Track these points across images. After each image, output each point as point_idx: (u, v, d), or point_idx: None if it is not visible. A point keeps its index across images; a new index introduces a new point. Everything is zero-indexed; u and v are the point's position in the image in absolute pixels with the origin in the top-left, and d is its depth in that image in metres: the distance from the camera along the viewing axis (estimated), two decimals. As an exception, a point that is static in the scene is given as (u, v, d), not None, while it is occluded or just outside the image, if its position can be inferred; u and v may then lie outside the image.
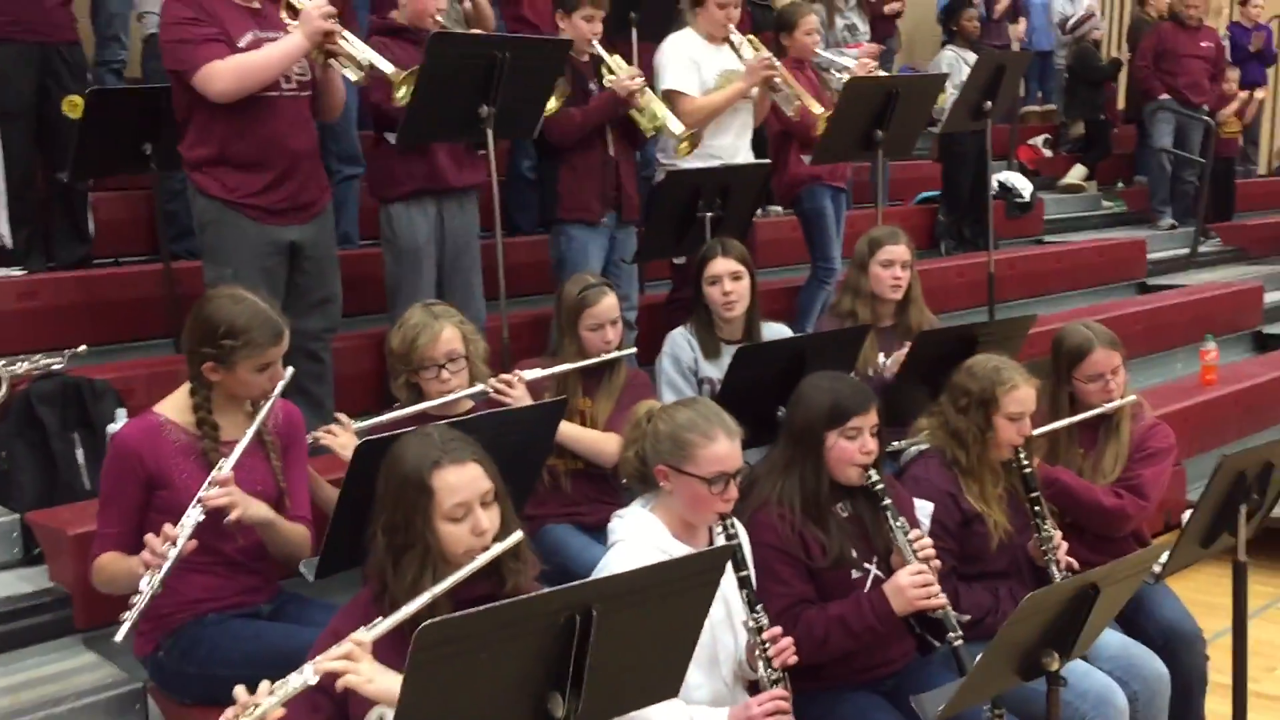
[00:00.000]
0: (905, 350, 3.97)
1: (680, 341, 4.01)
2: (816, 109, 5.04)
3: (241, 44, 3.66)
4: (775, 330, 4.20)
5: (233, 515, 2.63)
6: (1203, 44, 8.84)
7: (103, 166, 4.52)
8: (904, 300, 4.25)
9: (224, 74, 3.59)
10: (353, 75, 3.80)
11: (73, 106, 4.66)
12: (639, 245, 4.77)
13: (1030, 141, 9.81)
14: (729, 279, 3.91)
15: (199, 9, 3.65)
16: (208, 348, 2.75)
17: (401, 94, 3.81)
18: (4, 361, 3.70)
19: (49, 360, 3.81)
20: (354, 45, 3.76)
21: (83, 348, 4.00)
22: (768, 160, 4.98)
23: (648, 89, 4.69)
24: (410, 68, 3.82)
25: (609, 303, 3.69)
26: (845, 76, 5.51)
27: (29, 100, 4.62)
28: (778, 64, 4.92)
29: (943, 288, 5.97)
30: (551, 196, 4.78)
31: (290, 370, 2.84)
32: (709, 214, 4.46)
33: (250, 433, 2.73)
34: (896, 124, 4.85)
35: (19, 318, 4.26)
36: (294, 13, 3.76)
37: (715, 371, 3.94)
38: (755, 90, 4.96)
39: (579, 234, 4.72)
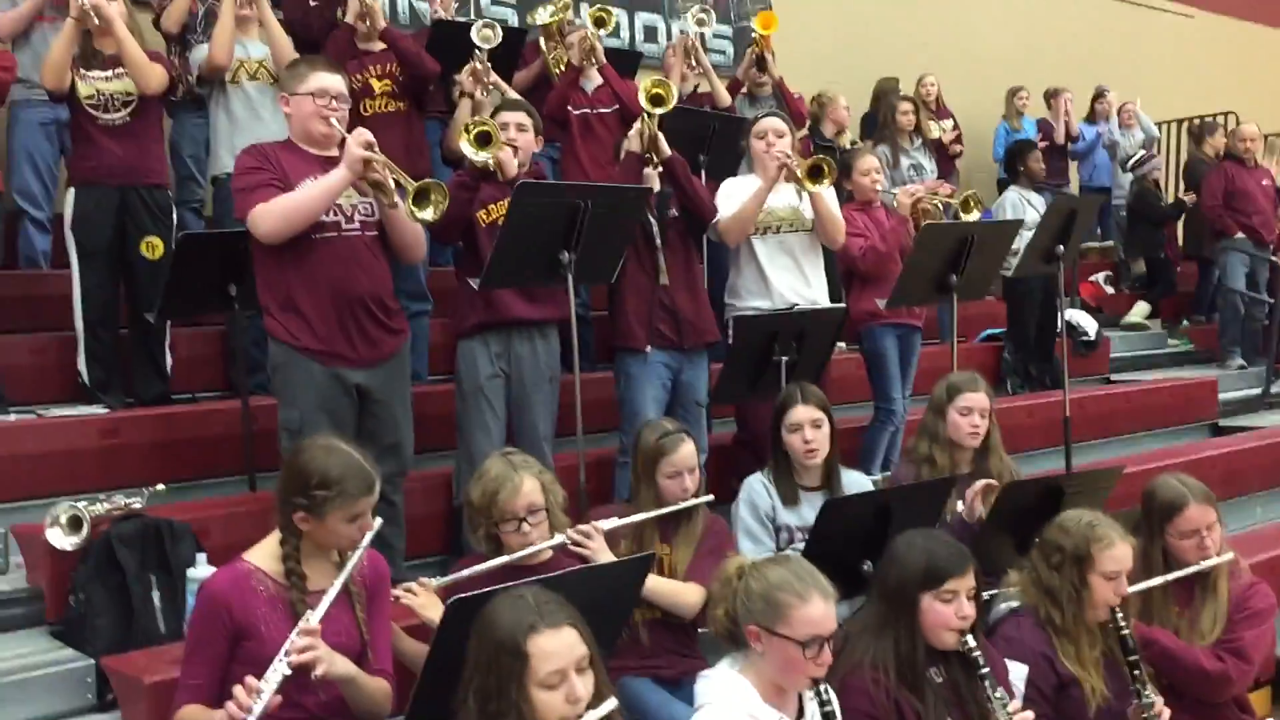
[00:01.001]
0: (981, 485, 3.89)
1: (757, 488, 3.96)
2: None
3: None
4: (854, 478, 4.13)
5: (318, 670, 2.59)
6: (1264, 182, 8.85)
7: (189, 308, 4.61)
8: (983, 447, 4.19)
9: (268, 214, 3.66)
10: (390, 203, 3.78)
11: (150, 247, 4.79)
12: (714, 389, 4.74)
13: (1092, 278, 9.79)
14: (810, 427, 3.87)
15: (264, 158, 3.76)
16: (300, 497, 2.75)
17: (415, 206, 3.70)
18: (85, 502, 3.71)
19: (129, 500, 3.83)
20: (396, 174, 3.75)
21: (161, 486, 4.01)
22: (843, 305, 4.98)
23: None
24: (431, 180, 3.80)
25: (687, 450, 3.67)
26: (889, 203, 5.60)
27: (107, 241, 4.76)
28: (790, 153, 4.83)
29: (1014, 428, 5.86)
30: (610, 325, 4.81)
31: (379, 521, 2.83)
32: (784, 358, 4.45)
33: (338, 584, 2.71)
34: (972, 268, 4.85)
35: (100, 455, 4.30)
36: None
37: (793, 519, 3.88)
38: (806, 211, 4.88)
39: (633, 363, 4.68)
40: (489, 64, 5.63)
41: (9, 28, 5.38)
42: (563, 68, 6.48)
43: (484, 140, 4.23)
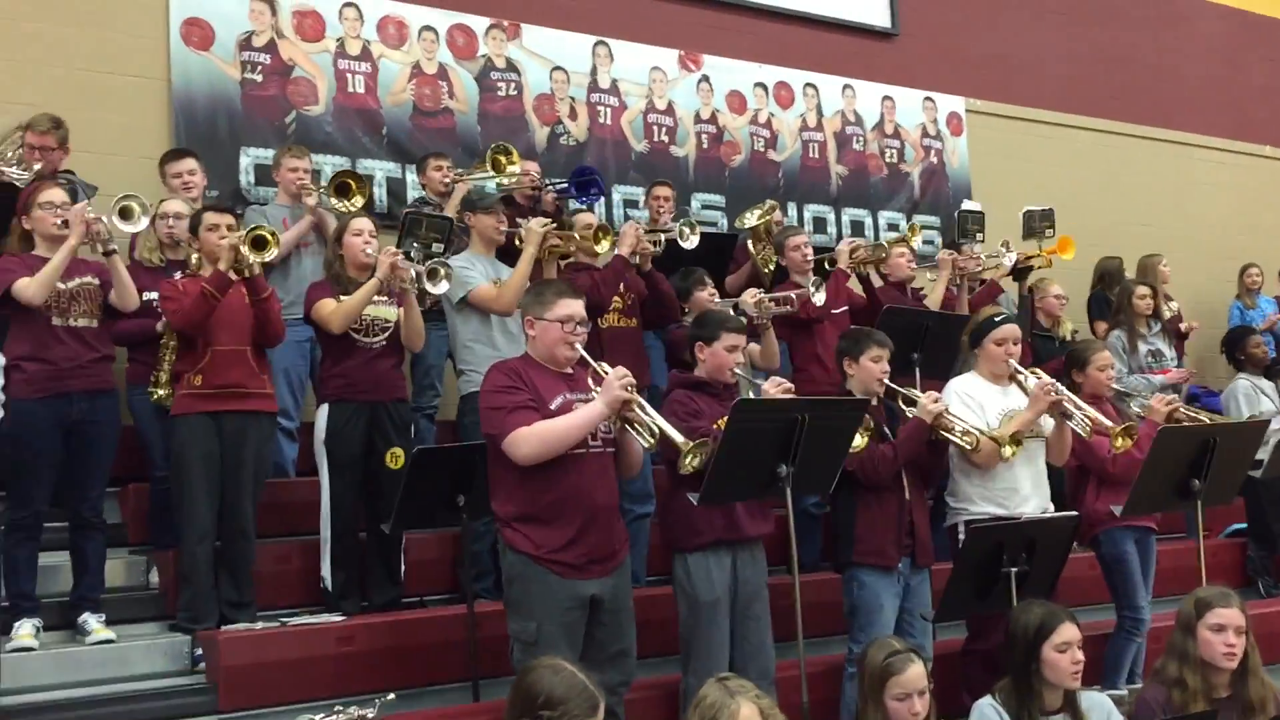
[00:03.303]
0: None
1: (990, 715, 3.75)
2: (1119, 440, 4.82)
3: (553, 405, 3.90)
4: (1094, 699, 3.89)
5: None
6: None
7: (421, 518, 4.81)
8: (1241, 669, 3.87)
9: (529, 440, 3.82)
10: (645, 442, 3.95)
11: (394, 458, 5.04)
12: (940, 602, 4.58)
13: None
14: (1077, 647, 3.73)
15: (515, 376, 3.95)
16: (526, 718, 2.79)
17: (689, 461, 3.85)
18: (323, 713, 3.82)
19: (363, 710, 3.91)
20: (649, 414, 3.91)
21: (391, 696, 4.09)
22: (1075, 513, 4.78)
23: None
24: (700, 438, 3.91)
25: (916, 671, 3.56)
26: (1139, 407, 5.36)
27: (358, 454, 5.04)
28: (1061, 388, 4.81)
29: (1271, 636, 5.39)
30: (847, 539, 4.71)
31: (607, 749, 2.83)
32: (1014, 569, 4.27)
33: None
34: (1215, 472, 4.59)
35: (335, 662, 4.47)
36: (600, 380, 4.00)
37: (1029, 749, 3.66)
38: (1049, 423, 4.84)
39: (872, 580, 4.62)
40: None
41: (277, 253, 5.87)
42: (772, 266, 6.65)
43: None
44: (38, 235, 4.77)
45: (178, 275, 5.04)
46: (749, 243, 6.93)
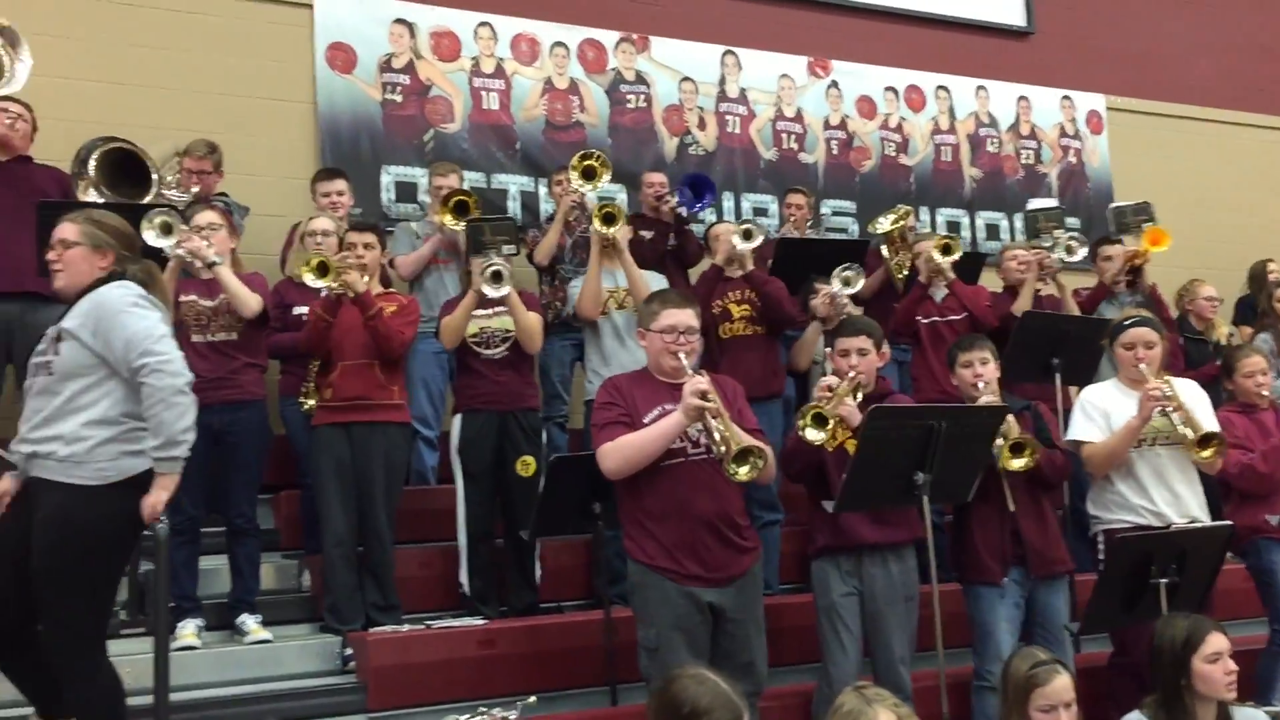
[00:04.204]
0: None
1: (1138, 732, 3.66)
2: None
3: (647, 418, 3.93)
4: (1250, 717, 3.75)
5: None
6: None
7: (559, 525, 4.89)
8: None
9: (611, 454, 3.89)
10: (717, 450, 3.86)
11: (525, 466, 5.16)
12: (1085, 614, 4.45)
13: None
14: (1228, 656, 3.63)
15: (615, 392, 4.02)
16: None
17: (742, 470, 3.77)
18: (467, 714, 3.94)
19: (505, 712, 4.02)
20: (725, 423, 3.83)
21: (533, 699, 4.19)
22: (1228, 523, 4.59)
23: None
24: (750, 445, 3.82)
25: (1062, 683, 3.47)
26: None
27: (489, 462, 5.17)
28: (1170, 390, 4.55)
29: None
30: (958, 553, 4.67)
31: (741, 758, 2.83)
32: (1164, 581, 4.14)
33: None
34: (1380, 480, 4.37)
35: (477, 665, 4.57)
36: None
37: (1180, 767, 3.54)
38: (1184, 431, 4.59)
39: (984, 594, 4.53)
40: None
41: (409, 269, 6.11)
42: (905, 273, 6.57)
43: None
44: None
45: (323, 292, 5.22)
46: (882, 248, 6.87)
